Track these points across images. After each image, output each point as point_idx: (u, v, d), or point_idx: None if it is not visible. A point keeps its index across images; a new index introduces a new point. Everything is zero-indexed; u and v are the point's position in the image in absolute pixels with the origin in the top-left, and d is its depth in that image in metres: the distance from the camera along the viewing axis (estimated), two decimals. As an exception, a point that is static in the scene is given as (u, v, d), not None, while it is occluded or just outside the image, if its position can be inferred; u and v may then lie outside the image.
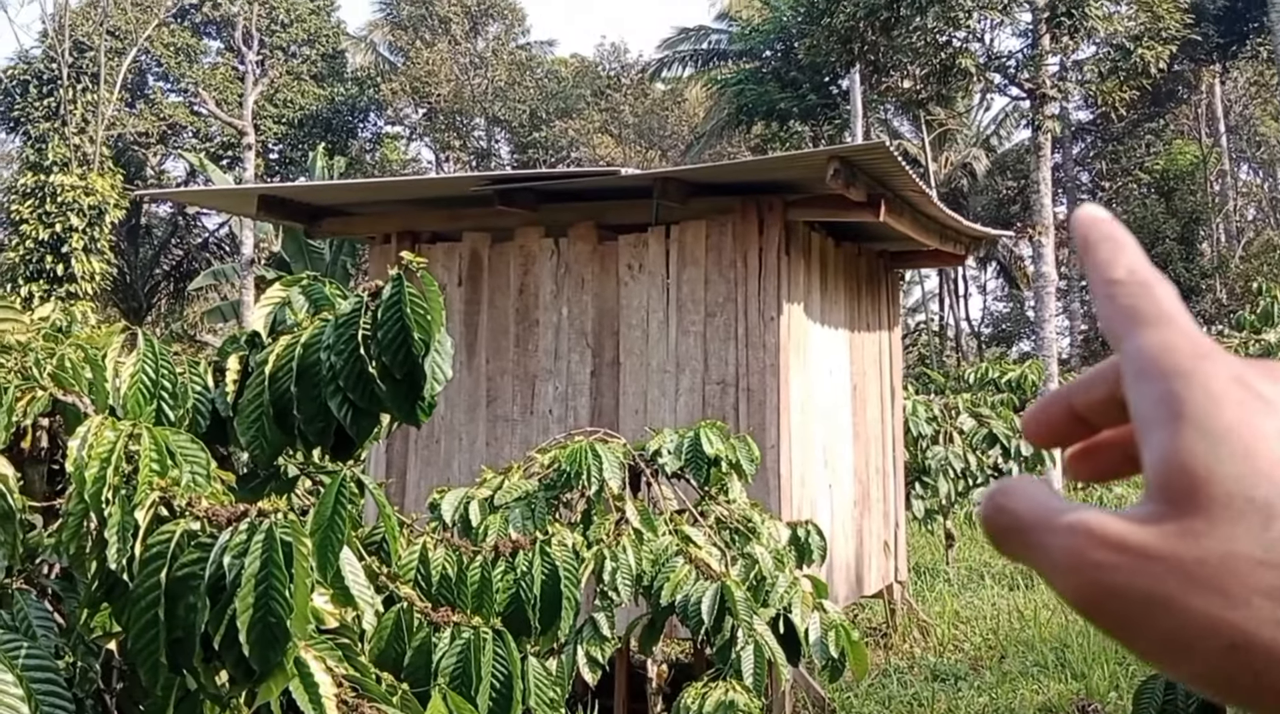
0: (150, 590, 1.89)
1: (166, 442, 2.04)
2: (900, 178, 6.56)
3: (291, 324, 2.61)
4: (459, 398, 7.48)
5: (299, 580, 1.82)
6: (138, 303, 33.44)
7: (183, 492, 2.00)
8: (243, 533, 1.83)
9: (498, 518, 4.87)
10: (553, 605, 3.15)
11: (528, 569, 3.13)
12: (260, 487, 2.67)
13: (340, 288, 2.71)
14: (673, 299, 7.00)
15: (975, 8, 14.03)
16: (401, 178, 17.49)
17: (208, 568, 1.83)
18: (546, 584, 3.15)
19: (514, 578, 3.11)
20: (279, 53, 31.62)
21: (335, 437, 2.54)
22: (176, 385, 2.52)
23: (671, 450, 5.33)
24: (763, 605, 4.89)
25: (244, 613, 1.78)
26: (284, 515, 1.86)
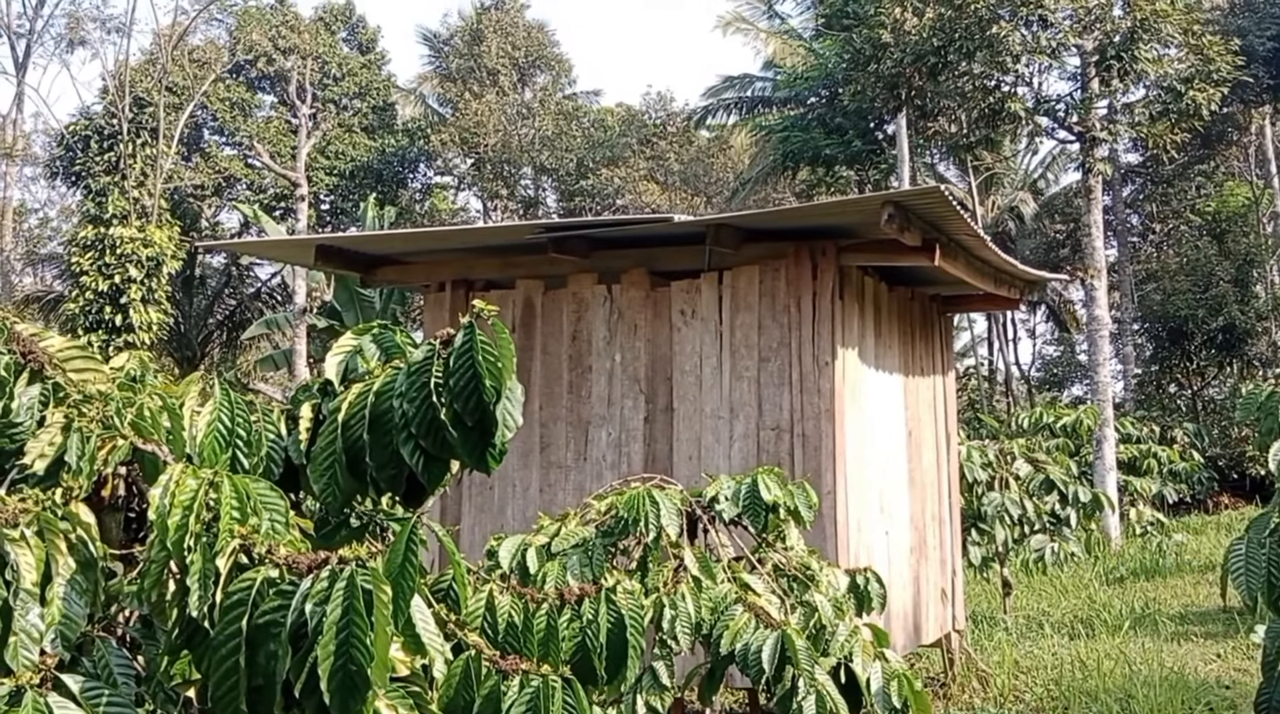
0: (231, 638, 1.90)
1: (246, 489, 2.06)
2: (954, 222, 6.54)
3: (363, 372, 2.64)
4: (513, 445, 7.46)
5: (380, 628, 1.83)
6: (192, 352, 33.96)
7: (262, 539, 2.02)
8: (324, 580, 1.84)
9: (556, 565, 4.85)
10: (619, 654, 3.13)
11: (594, 617, 3.11)
12: (332, 534, 2.68)
13: (410, 336, 2.73)
14: (726, 344, 7.00)
15: (1024, 52, 14.03)
16: (456, 227, 17.70)
17: (289, 615, 1.84)
18: (613, 632, 3.13)
19: (580, 626, 3.09)
20: (331, 106, 32.24)
21: (406, 484, 2.55)
22: (251, 433, 2.55)
23: (729, 497, 5.29)
24: (823, 654, 4.83)
25: (325, 660, 1.78)
26: (365, 563, 1.87)
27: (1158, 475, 16.93)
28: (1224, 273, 24.01)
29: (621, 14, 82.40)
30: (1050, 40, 14.18)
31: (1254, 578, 4.03)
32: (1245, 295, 23.95)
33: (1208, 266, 24.47)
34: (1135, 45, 13.76)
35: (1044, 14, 14.02)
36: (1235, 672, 8.15)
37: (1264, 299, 24.36)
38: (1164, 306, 24.08)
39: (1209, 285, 23.81)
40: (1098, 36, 14.27)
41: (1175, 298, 23.79)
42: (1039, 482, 10.31)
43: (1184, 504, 19.09)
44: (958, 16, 14.10)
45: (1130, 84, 14.76)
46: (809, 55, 30.23)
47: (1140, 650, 8.93)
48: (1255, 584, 4.03)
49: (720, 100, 34.00)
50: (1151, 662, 8.36)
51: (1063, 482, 10.28)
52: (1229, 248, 25.45)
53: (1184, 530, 16.52)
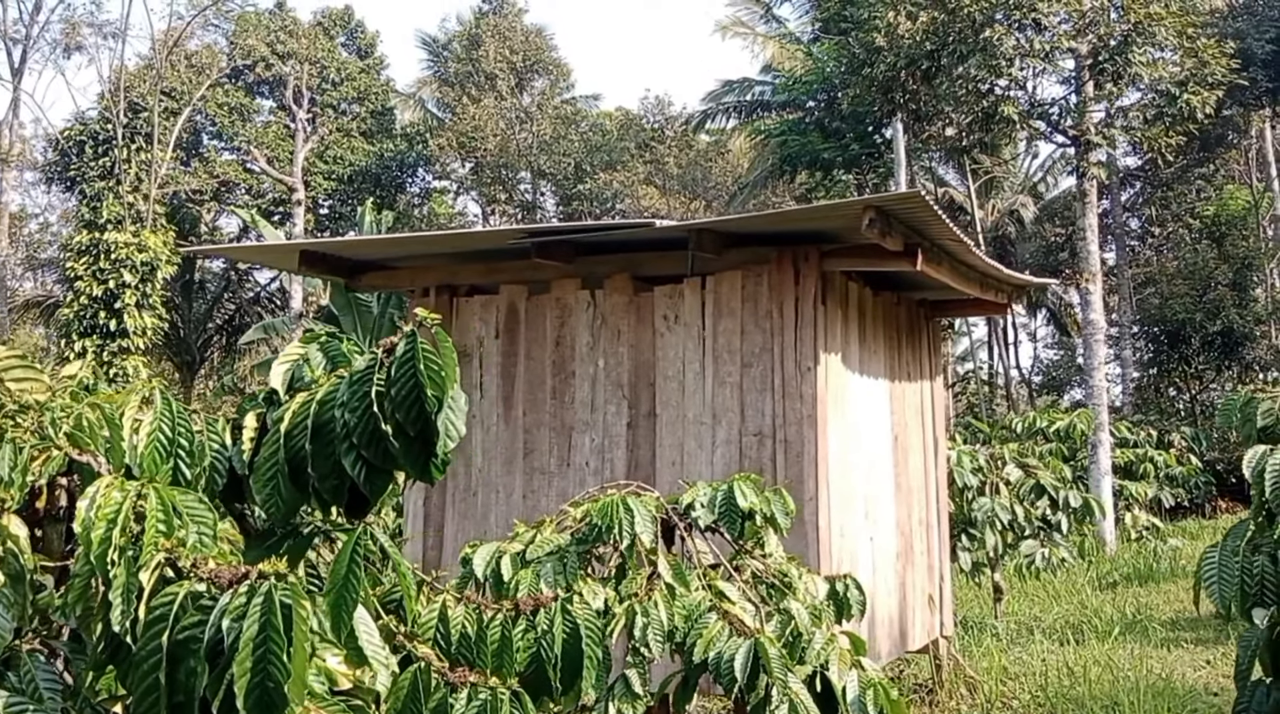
0: (152, 653, 1.87)
1: (173, 502, 2.04)
2: (937, 226, 6.50)
3: (309, 381, 2.61)
4: (496, 450, 7.48)
5: (298, 644, 1.80)
6: (191, 357, 34.00)
7: (188, 553, 2.00)
8: (242, 595, 1.81)
9: (529, 573, 4.82)
10: (574, 664, 3.11)
11: (549, 628, 3.09)
12: (276, 545, 2.66)
13: (358, 344, 2.71)
14: (709, 350, 6.97)
15: (1017, 56, 14.00)
16: (440, 232, 17.70)
17: (207, 631, 1.81)
18: (568, 643, 3.11)
19: (535, 636, 3.07)
20: (329, 110, 32.25)
21: (350, 495, 2.53)
22: (194, 443, 2.52)
23: (705, 504, 5.26)
24: (799, 663, 4.80)
25: (241, 678, 1.76)
26: (284, 577, 1.84)
27: (1154, 480, 16.87)
28: (1222, 276, 23.96)
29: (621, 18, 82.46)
30: (1044, 44, 14.15)
31: (1226, 586, 4.00)
32: (1243, 299, 23.89)
33: (1206, 270, 24.43)
34: (1129, 49, 13.73)
35: (1037, 17, 14.00)
36: (1224, 678, 8.11)
37: (1263, 302, 24.32)
38: (1162, 310, 24.03)
39: (1207, 289, 23.77)
40: (1091, 40, 14.24)
41: (1173, 301, 23.74)
42: (1030, 487, 10.27)
43: (1181, 509, 19.03)
44: (951, 20, 14.08)
45: (1124, 88, 14.72)
46: (807, 59, 30.23)
47: (1129, 657, 8.88)
48: (1228, 592, 4.00)
49: (719, 104, 33.98)
50: (1140, 668, 8.32)
51: (1053, 487, 10.25)
52: (1227, 251, 25.39)
53: (1180, 535, 16.47)
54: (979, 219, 34.44)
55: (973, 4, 13.79)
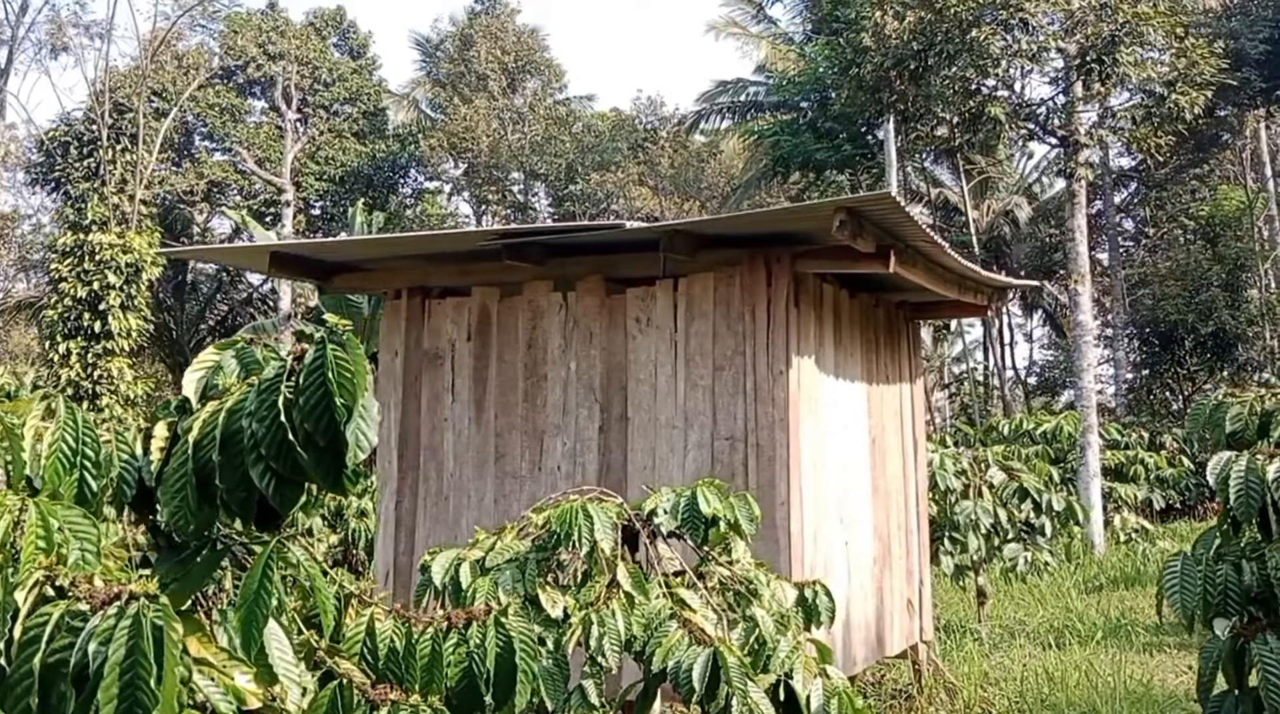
0: (24, 677, 1.79)
1: (54, 516, 1.96)
2: (910, 228, 6.43)
3: (221, 390, 2.53)
4: (468, 454, 7.40)
5: (168, 669, 1.72)
6: (184, 358, 33.88)
7: (69, 570, 1.92)
8: (110, 618, 1.73)
9: (487, 581, 4.75)
10: (508, 679, 3.03)
11: (481, 642, 3.01)
12: (190, 558, 2.58)
13: (275, 351, 2.62)
14: (681, 353, 6.89)
15: (1004, 56, 13.92)
16: (411, 233, 17.66)
17: (74, 655, 1.73)
18: (501, 657, 3.03)
19: (466, 651, 2.99)
20: (321, 111, 32.15)
21: (261, 507, 2.45)
22: (100, 454, 2.44)
23: (668, 510, 5.18)
24: (763, 671, 4.72)
25: (107, 704, 1.68)
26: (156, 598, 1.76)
27: (1145, 482, 16.79)
28: (1214, 277, 23.89)
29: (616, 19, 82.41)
30: (1031, 44, 14.08)
31: (1189, 595, 3.92)
32: (1236, 300, 23.81)
33: (1198, 271, 24.35)
34: (1116, 49, 13.65)
35: (1025, 17, 13.92)
36: (1205, 684, 8.01)
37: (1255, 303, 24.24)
38: (1154, 311, 23.95)
39: (1199, 290, 23.69)
40: (1079, 40, 14.16)
41: (1165, 302, 23.67)
42: (1013, 490, 10.19)
43: (1172, 511, 18.94)
44: (938, 20, 14.00)
45: (1112, 88, 14.64)
46: (800, 59, 30.15)
47: (1110, 662, 8.81)
48: (1190, 602, 3.92)
49: (714, 105, 33.91)
50: (1120, 673, 8.24)
51: (1036, 490, 10.17)
52: (1220, 252, 25.32)
53: (1170, 537, 16.38)
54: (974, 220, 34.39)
55: (960, 4, 13.72)
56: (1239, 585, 3.93)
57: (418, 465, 7.54)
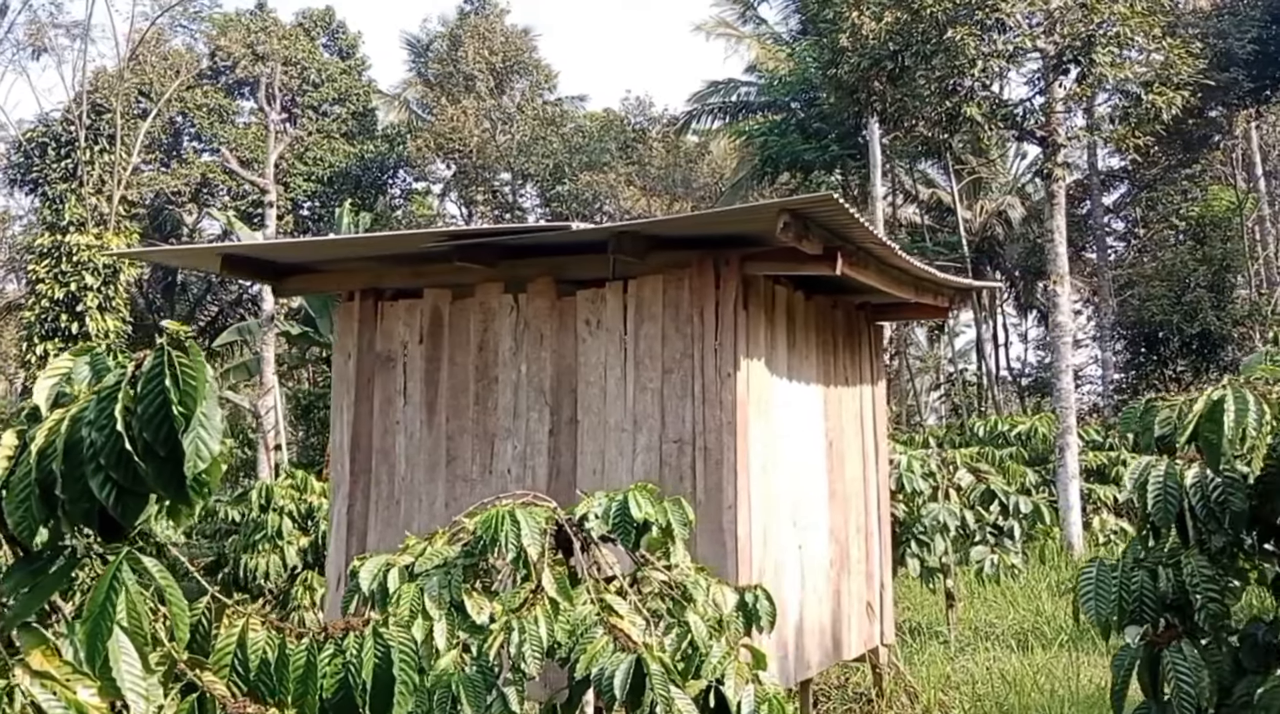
0: None
1: None
2: (857, 229, 6.38)
3: (70, 397, 2.49)
4: (419, 457, 7.36)
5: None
6: (173, 358, 33.82)
7: None
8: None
9: (412, 587, 4.71)
10: (386, 692, 2.98)
11: (358, 653, 2.96)
12: (44, 567, 2.53)
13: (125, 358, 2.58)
14: (630, 356, 6.84)
15: (980, 56, 13.87)
16: (361, 235, 17.67)
17: None
18: (379, 668, 2.98)
19: (342, 662, 2.94)
20: (310, 112, 32.11)
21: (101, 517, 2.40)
22: (-55, 463, 2.40)
23: (599, 515, 5.13)
24: (694, 676, 4.68)
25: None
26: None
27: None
28: (1200, 278, 23.84)
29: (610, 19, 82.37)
30: (1007, 44, 14.03)
31: (1103, 603, 3.88)
32: (1221, 301, 23.75)
33: (1184, 272, 24.30)
34: (1093, 49, 13.60)
35: (1001, 17, 13.87)
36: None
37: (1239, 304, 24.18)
38: (1140, 312, 23.90)
39: (1185, 291, 23.64)
40: (1056, 40, 14.11)
41: (1150, 303, 23.62)
42: (980, 492, 10.14)
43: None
44: (914, 21, 13.95)
45: (1089, 88, 14.58)
46: (789, 60, 30.10)
47: (1073, 665, 8.76)
48: (1104, 609, 3.88)
49: (705, 105, 33.88)
50: (1077, 677, 8.19)
51: (1004, 492, 10.11)
52: (1206, 253, 25.27)
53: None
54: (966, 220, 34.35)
55: (936, 4, 13.66)
56: (1154, 592, 3.89)
57: (370, 468, 7.50)
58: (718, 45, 50.68)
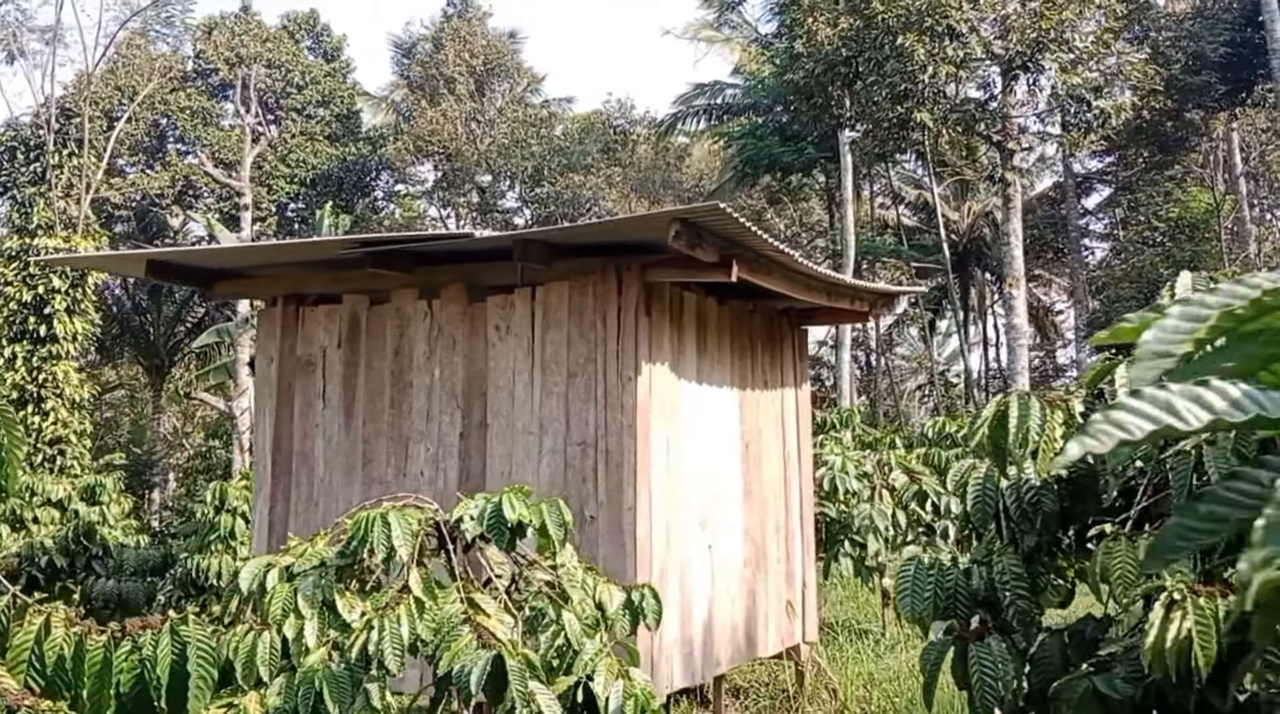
0: None
1: None
2: (751, 238, 6.53)
3: None
4: (337, 460, 7.52)
5: None
6: (160, 360, 34.06)
7: None
8: None
9: (286, 587, 4.87)
10: (183, 687, 3.14)
11: (154, 650, 3.12)
12: None
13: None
14: (537, 360, 7.01)
15: (931, 63, 14.01)
16: (279, 242, 17.88)
17: None
18: (176, 664, 3.14)
19: (139, 658, 3.10)
20: (294, 114, 32.26)
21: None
22: None
23: (474, 516, 5.29)
24: (565, 673, 4.84)
25: None
26: None
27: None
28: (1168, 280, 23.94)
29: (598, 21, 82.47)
30: (957, 51, 14.17)
31: (918, 599, 4.04)
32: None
33: (1153, 273, 24.45)
34: (1042, 54, 13.76)
35: (951, 24, 14.01)
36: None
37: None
38: (1107, 313, 24.05)
39: (1154, 292, 23.77)
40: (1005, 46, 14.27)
41: (1119, 305, 23.75)
42: (913, 492, 10.29)
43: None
44: (867, 27, 14.11)
45: (1039, 93, 14.75)
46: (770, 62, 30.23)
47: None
48: (919, 605, 4.03)
49: (690, 107, 34.03)
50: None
51: (935, 492, 10.26)
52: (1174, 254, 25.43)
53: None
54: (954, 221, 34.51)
55: (887, 11, 13.82)
56: (968, 590, 4.04)
57: (290, 470, 7.67)
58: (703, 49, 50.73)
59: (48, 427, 16.22)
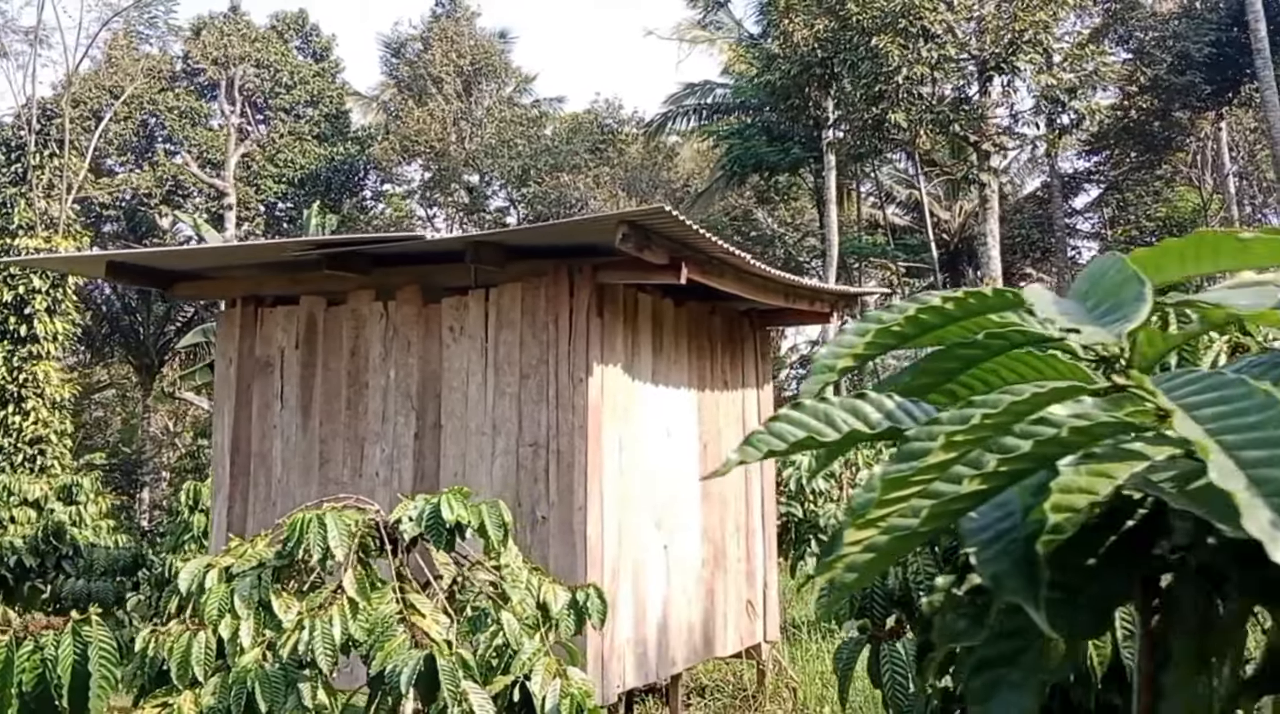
0: None
1: None
2: (700, 240, 6.58)
3: None
4: (294, 461, 7.56)
5: None
6: (149, 359, 34.07)
7: None
8: None
9: (223, 587, 4.92)
10: (84, 687, 3.18)
11: (55, 650, 3.16)
12: None
13: None
14: (491, 361, 7.05)
15: (905, 64, 14.06)
16: (235, 244, 17.89)
17: None
18: (77, 665, 3.18)
19: (40, 659, 3.14)
20: (282, 113, 32.29)
21: None
22: None
23: (413, 517, 5.33)
24: (503, 672, 4.89)
25: None
26: None
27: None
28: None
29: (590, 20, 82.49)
30: (932, 52, 14.22)
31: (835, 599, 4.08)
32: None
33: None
34: (1016, 56, 13.81)
35: (925, 26, 14.06)
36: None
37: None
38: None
39: (1137, 292, 23.79)
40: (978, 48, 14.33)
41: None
42: (879, 493, 10.34)
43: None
44: (842, 29, 14.16)
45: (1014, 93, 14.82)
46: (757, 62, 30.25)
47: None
48: (836, 605, 4.08)
49: (680, 107, 34.06)
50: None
51: (901, 493, 10.31)
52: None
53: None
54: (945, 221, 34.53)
55: (862, 12, 13.87)
56: (883, 589, 4.09)
57: (248, 471, 7.71)
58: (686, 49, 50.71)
59: (28, 426, 16.25)
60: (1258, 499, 0.65)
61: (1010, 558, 0.86)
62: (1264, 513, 0.64)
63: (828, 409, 1.05)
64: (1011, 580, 0.85)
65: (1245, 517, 0.65)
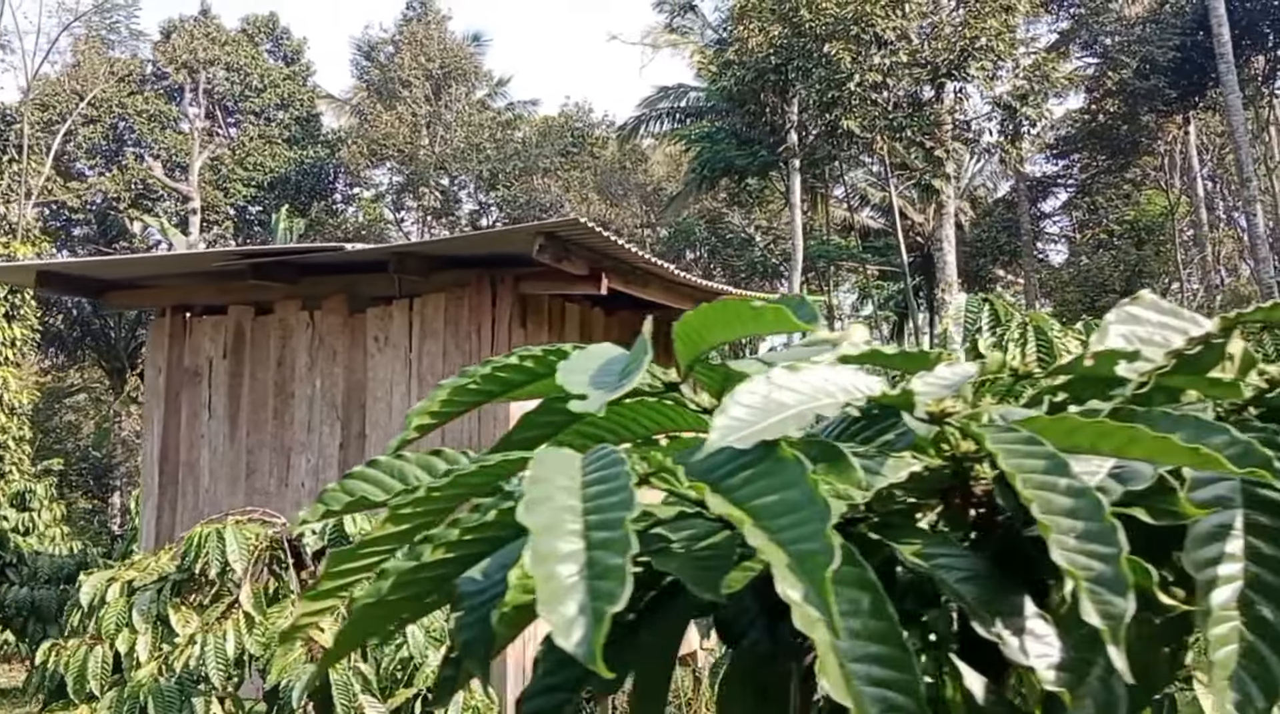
0: None
1: None
2: (619, 251, 6.61)
3: None
4: (221, 470, 7.55)
5: None
6: (120, 363, 33.90)
7: None
8: None
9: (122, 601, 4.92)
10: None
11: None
12: None
13: None
14: (415, 371, 7.06)
15: (858, 71, 14.12)
16: (162, 253, 17.92)
17: None
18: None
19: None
20: (252, 117, 32.20)
21: None
22: None
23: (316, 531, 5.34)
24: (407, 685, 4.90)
25: None
26: None
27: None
28: (1115, 283, 24.18)
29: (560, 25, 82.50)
30: (884, 59, 14.28)
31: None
32: (1135, 306, 23.94)
33: (1099, 277, 24.64)
34: (967, 63, 13.89)
35: (877, 33, 14.12)
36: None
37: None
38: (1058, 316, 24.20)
39: (1099, 296, 23.98)
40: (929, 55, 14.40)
41: (1064, 308, 23.93)
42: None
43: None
44: (795, 36, 14.21)
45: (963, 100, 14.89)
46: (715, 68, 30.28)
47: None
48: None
49: (654, 110, 34.07)
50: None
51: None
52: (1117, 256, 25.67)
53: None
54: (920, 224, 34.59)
55: (815, 19, 13.92)
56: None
57: (177, 480, 7.69)
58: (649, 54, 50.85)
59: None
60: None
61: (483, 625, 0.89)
62: (574, 605, 0.66)
63: (403, 466, 1.08)
64: (478, 649, 0.88)
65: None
